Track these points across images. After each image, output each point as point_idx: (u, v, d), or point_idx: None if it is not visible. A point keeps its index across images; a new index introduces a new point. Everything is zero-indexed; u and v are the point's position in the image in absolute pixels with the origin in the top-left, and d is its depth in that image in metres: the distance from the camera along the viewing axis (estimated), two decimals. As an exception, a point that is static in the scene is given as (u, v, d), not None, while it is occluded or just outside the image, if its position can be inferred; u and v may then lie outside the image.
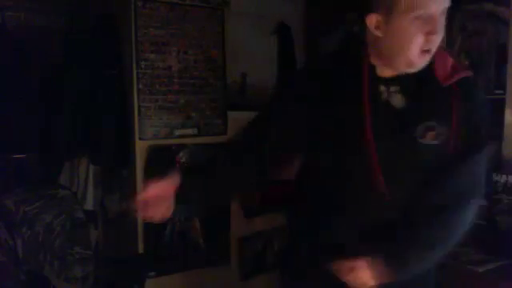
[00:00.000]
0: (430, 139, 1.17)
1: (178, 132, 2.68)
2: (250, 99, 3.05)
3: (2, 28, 2.64)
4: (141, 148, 2.58)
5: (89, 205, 2.88)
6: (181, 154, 2.67)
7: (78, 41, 2.68)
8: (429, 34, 1.12)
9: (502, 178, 2.11)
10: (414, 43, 1.12)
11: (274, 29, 3.11)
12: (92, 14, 2.73)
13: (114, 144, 2.61)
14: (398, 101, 1.20)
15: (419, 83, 1.19)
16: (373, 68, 1.20)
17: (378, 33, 1.16)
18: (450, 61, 1.23)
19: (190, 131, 2.72)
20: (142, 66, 2.54)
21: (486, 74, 2.27)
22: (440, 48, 1.20)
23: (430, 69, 1.19)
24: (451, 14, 2.41)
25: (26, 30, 2.72)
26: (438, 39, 1.15)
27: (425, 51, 1.14)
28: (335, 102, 1.20)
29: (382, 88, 1.20)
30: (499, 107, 2.21)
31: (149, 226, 2.62)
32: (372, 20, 1.16)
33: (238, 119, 2.81)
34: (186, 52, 2.67)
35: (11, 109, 2.60)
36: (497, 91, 2.23)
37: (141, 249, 2.61)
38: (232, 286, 2.94)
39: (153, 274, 2.63)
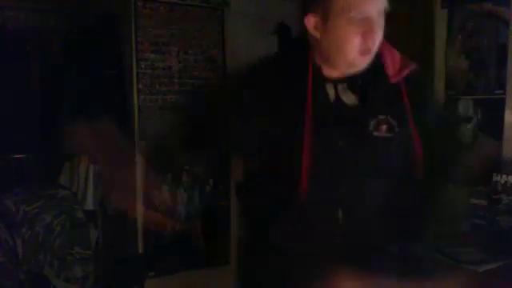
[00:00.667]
0: (383, 132, 1.17)
1: (177, 132, 2.68)
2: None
3: (2, 28, 2.64)
4: (141, 148, 2.58)
5: (89, 205, 2.87)
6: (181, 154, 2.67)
7: (78, 41, 2.68)
8: (366, 34, 1.11)
9: (502, 178, 2.11)
10: (351, 44, 1.12)
11: (274, 29, 3.10)
12: (92, 13, 2.73)
13: (114, 144, 2.61)
14: (348, 98, 1.20)
15: (368, 80, 1.19)
16: (318, 68, 1.20)
17: (317, 34, 1.16)
18: (399, 56, 1.23)
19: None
20: (142, 66, 2.54)
21: (486, 74, 2.27)
22: (387, 45, 1.21)
23: (378, 65, 1.20)
24: (451, 13, 2.42)
25: (26, 30, 2.72)
26: (376, 39, 1.14)
27: (364, 51, 1.14)
28: (280, 104, 1.19)
29: (329, 87, 1.20)
30: (499, 107, 2.21)
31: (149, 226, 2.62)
32: (310, 21, 1.16)
33: (238, 119, 2.82)
34: (186, 52, 2.67)
35: (11, 109, 2.60)
36: (497, 91, 2.23)
37: (141, 249, 2.61)
38: (232, 286, 2.94)
39: (153, 274, 2.63)
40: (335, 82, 1.20)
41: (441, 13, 2.43)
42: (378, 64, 1.20)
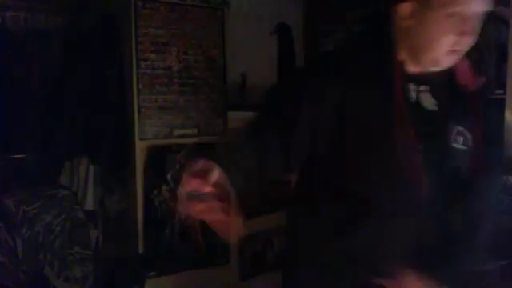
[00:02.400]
0: (460, 144, 1.13)
1: (177, 132, 2.68)
2: (250, 99, 3.05)
3: (2, 28, 2.64)
4: (141, 148, 2.58)
5: (89, 205, 2.87)
6: (181, 154, 2.67)
7: (78, 41, 2.68)
8: (461, 34, 1.06)
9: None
10: (444, 41, 1.07)
11: (274, 29, 3.10)
12: (92, 13, 2.73)
13: (114, 144, 2.61)
14: (428, 102, 1.14)
15: (445, 84, 1.15)
16: (401, 65, 1.14)
17: (410, 23, 1.09)
18: (468, 64, 1.19)
19: (189, 131, 2.72)
20: (142, 66, 2.54)
21: (486, 74, 2.27)
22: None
23: (454, 74, 1.16)
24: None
25: (26, 30, 2.72)
26: (469, 41, 1.09)
27: (453, 51, 1.09)
28: (363, 100, 1.11)
29: (412, 87, 1.14)
30: (499, 107, 2.21)
31: (149, 226, 2.62)
32: (406, 8, 1.09)
33: (238, 119, 2.82)
34: (186, 52, 2.67)
35: (11, 109, 2.60)
36: (497, 91, 2.23)
37: (141, 249, 2.61)
38: (232, 286, 2.94)
39: (153, 273, 2.63)
40: (417, 82, 1.14)
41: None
42: (453, 70, 1.15)
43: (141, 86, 2.55)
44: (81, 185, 2.88)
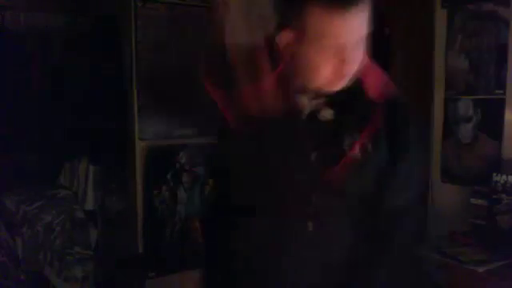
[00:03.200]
0: (356, 153, 1.11)
1: (177, 132, 2.68)
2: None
3: (2, 28, 2.65)
4: (141, 148, 2.58)
5: (89, 205, 2.88)
6: (181, 154, 2.67)
7: (78, 41, 2.68)
8: (340, 62, 1.05)
9: (502, 178, 2.11)
10: (324, 70, 1.06)
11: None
12: (92, 14, 2.73)
13: (114, 144, 2.61)
14: (324, 113, 1.14)
15: (346, 97, 1.13)
16: (289, 77, 1.14)
17: (287, 53, 1.10)
18: (382, 78, 1.17)
19: (189, 131, 2.72)
20: (142, 66, 2.54)
21: (486, 74, 2.27)
22: (371, 65, 1.16)
23: (358, 85, 1.13)
24: (451, 13, 2.42)
25: (26, 30, 2.72)
26: (351, 67, 1.07)
27: (338, 76, 1.07)
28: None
29: (305, 100, 1.14)
30: (499, 107, 2.21)
31: (149, 226, 2.62)
32: (282, 40, 1.10)
33: (238, 119, 2.82)
34: (186, 52, 2.67)
35: (11, 109, 2.60)
36: (497, 91, 2.23)
37: (141, 249, 2.61)
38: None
39: (153, 274, 2.63)
40: (313, 96, 1.14)
41: (441, 13, 2.43)
42: (358, 83, 1.13)
43: (141, 86, 2.55)
44: (81, 185, 2.88)
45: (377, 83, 1.16)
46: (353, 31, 1.04)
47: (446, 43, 2.42)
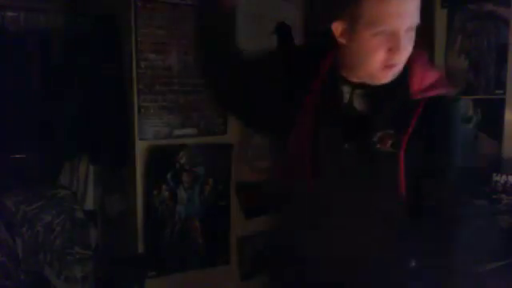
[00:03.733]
0: (387, 147, 1.13)
1: (177, 132, 2.68)
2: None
3: (2, 28, 2.64)
4: (141, 148, 2.58)
5: (89, 205, 2.87)
6: (181, 154, 2.67)
7: (78, 41, 2.68)
8: (391, 50, 1.08)
9: (502, 178, 2.11)
10: (375, 58, 1.09)
11: (273, 29, 3.10)
12: (92, 13, 2.73)
13: (114, 144, 2.61)
14: (361, 104, 1.17)
15: (388, 92, 1.15)
16: (337, 67, 1.19)
17: (343, 41, 1.14)
18: (432, 75, 1.18)
19: (189, 131, 2.72)
20: (142, 66, 2.54)
21: (486, 74, 2.27)
22: (422, 59, 1.17)
23: (404, 79, 1.15)
24: (451, 13, 2.42)
25: (26, 30, 2.72)
26: (402, 55, 1.11)
27: (388, 66, 1.11)
28: (289, 91, 1.20)
29: (346, 88, 1.17)
30: (499, 107, 2.21)
31: (149, 226, 2.62)
32: (337, 27, 1.14)
33: (238, 119, 2.82)
34: (186, 52, 2.67)
35: (11, 109, 2.60)
36: (497, 91, 2.23)
37: (141, 249, 2.61)
38: (232, 286, 2.94)
39: (153, 274, 2.63)
40: (354, 86, 1.17)
41: (441, 13, 2.43)
42: (403, 77, 1.15)
43: (141, 86, 2.55)
44: (81, 185, 2.88)
45: (425, 77, 1.16)
46: (406, 18, 1.08)
47: (446, 43, 2.42)
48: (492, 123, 2.24)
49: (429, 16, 2.46)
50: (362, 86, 1.16)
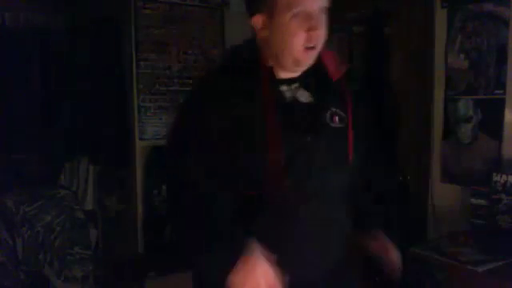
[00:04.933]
0: (337, 123, 1.27)
1: (177, 132, 2.68)
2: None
3: (2, 28, 2.65)
4: (141, 148, 2.58)
5: (89, 205, 2.88)
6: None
7: (79, 41, 2.68)
8: (309, 30, 1.17)
9: (502, 178, 2.11)
10: (296, 40, 1.18)
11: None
12: (92, 14, 2.73)
13: (114, 144, 2.61)
14: (303, 96, 1.27)
15: (316, 80, 1.28)
16: (271, 70, 1.25)
17: (265, 33, 1.21)
18: (335, 57, 1.32)
19: (189, 131, 2.71)
20: (142, 66, 2.54)
21: (486, 74, 2.27)
22: (326, 48, 1.28)
23: (321, 65, 1.28)
24: (451, 13, 2.42)
25: (26, 30, 2.72)
26: (320, 36, 1.20)
27: (309, 48, 1.20)
28: (241, 113, 1.20)
29: (284, 88, 1.26)
30: (499, 107, 2.21)
31: (149, 226, 2.62)
32: (258, 21, 1.21)
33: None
34: (186, 52, 2.67)
35: (11, 109, 2.60)
36: (497, 91, 2.23)
37: (141, 249, 2.61)
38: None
39: (153, 274, 2.63)
40: (288, 83, 1.26)
41: (441, 13, 2.43)
42: (320, 64, 1.28)
43: (141, 86, 2.55)
44: (81, 185, 2.88)
45: (333, 61, 1.31)
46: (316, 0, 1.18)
47: (446, 43, 2.42)
48: (492, 123, 2.23)
49: (429, 16, 2.46)
50: (294, 80, 1.27)
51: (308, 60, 1.23)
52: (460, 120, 2.39)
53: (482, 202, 2.18)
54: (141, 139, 2.58)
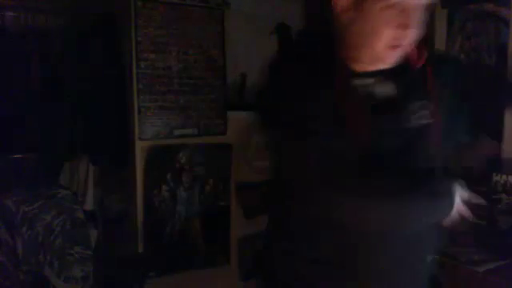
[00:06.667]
0: (423, 119, 1.10)
1: (177, 132, 2.68)
2: (250, 99, 3.05)
3: (2, 28, 2.65)
4: (141, 148, 2.58)
5: (89, 205, 2.88)
6: (181, 154, 2.68)
7: (78, 40, 2.68)
8: (399, 27, 1.01)
9: (502, 178, 2.11)
10: (382, 35, 1.02)
11: (273, 29, 3.11)
12: (92, 13, 2.73)
13: (114, 144, 2.61)
14: (380, 93, 1.10)
15: (394, 72, 1.11)
16: (344, 61, 1.10)
17: (345, 17, 1.05)
18: (416, 45, 1.15)
19: (189, 131, 2.72)
20: (142, 66, 2.54)
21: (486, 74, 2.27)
22: None
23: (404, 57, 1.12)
24: (451, 13, 2.42)
25: (26, 30, 2.72)
26: (410, 35, 1.04)
27: (394, 46, 1.04)
28: (312, 102, 1.08)
29: (358, 82, 1.10)
30: (499, 107, 2.21)
31: (149, 226, 2.62)
32: (341, 2, 1.05)
33: (238, 119, 2.82)
34: (186, 52, 2.67)
35: (11, 109, 2.60)
36: (497, 91, 2.23)
37: (141, 249, 2.61)
38: (232, 286, 2.94)
39: (153, 274, 2.63)
40: (363, 77, 1.10)
41: (441, 13, 2.43)
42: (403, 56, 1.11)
43: (141, 86, 2.55)
44: (81, 185, 2.88)
45: (415, 51, 1.12)
46: None
47: (446, 43, 2.42)
48: (492, 123, 2.24)
49: (429, 16, 2.46)
50: (370, 74, 1.11)
51: (390, 59, 1.07)
52: (460, 120, 2.39)
53: (481, 201, 2.18)
54: (141, 139, 2.57)
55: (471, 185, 1.47)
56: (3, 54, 2.58)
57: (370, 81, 1.10)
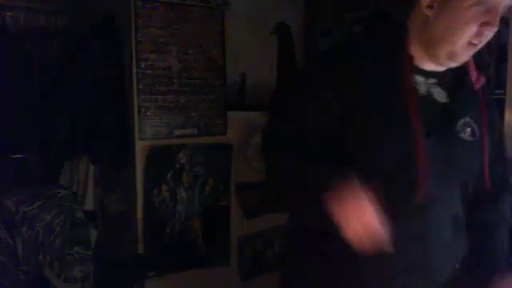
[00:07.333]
0: (467, 135, 1.13)
1: (177, 132, 2.68)
2: (250, 99, 3.05)
3: (2, 28, 2.64)
4: (141, 148, 2.58)
5: (89, 205, 2.87)
6: (181, 154, 2.67)
7: (78, 41, 2.68)
8: (484, 25, 1.02)
9: (502, 178, 2.11)
10: (466, 33, 1.03)
11: (273, 29, 3.11)
12: (92, 13, 2.73)
13: (114, 144, 2.61)
14: (439, 94, 1.13)
15: (456, 82, 1.15)
16: (411, 58, 1.11)
17: (429, 12, 1.06)
18: (472, 63, 1.20)
19: (189, 131, 2.72)
20: (142, 66, 2.54)
21: (486, 74, 2.27)
22: None
23: (463, 70, 1.15)
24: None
25: (26, 30, 2.72)
26: (490, 34, 1.05)
27: (472, 44, 1.05)
28: (373, 90, 1.08)
29: (420, 79, 1.12)
30: (499, 107, 2.21)
31: (149, 226, 2.62)
32: None
33: (238, 119, 2.82)
34: (186, 52, 2.67)
35: (11, 109, 2.60)
36: (497, 91, 2.23)
37: (141, 249, 2.61)
38: (232, 286, 2.94)
39: (153, 273, 2.63)
40: (426, 75, 1.13)
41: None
42: (463, 67, 1.14)
43: (141, 86, 2.55)
44: (81, 185, 2.88)
45: (473, 67, 1.17)
46: None
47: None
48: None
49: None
50: (433, 74, 1.13)
51: (465, 57, 1.09)
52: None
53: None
54: (141, 139, 2.57)
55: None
56: (3, 54, 2.57)
57: (433, 80, 1.13)
